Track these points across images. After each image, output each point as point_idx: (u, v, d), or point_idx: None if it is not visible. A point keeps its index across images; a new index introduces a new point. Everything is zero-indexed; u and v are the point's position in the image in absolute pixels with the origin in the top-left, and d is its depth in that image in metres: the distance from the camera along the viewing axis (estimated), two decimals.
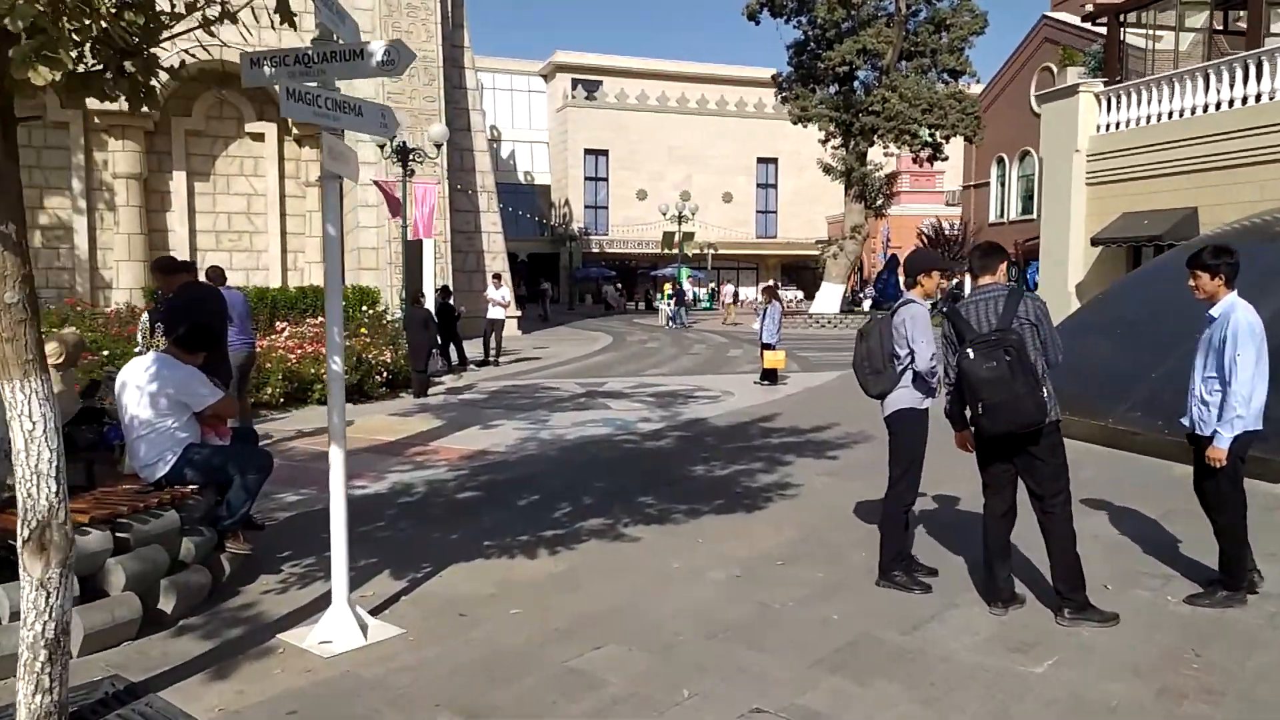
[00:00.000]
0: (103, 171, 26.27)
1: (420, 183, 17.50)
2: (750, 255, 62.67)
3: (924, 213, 45.41)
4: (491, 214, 28.19)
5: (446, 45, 26.43)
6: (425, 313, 13.93)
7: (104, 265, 26.33)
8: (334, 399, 4.24)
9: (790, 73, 32.76)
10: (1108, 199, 17.38)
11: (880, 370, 4.89)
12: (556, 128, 61.75)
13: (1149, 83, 16.59)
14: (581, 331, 30.72)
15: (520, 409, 12.08)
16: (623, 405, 12.44)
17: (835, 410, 11.72)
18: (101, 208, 26.58)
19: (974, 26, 30.11)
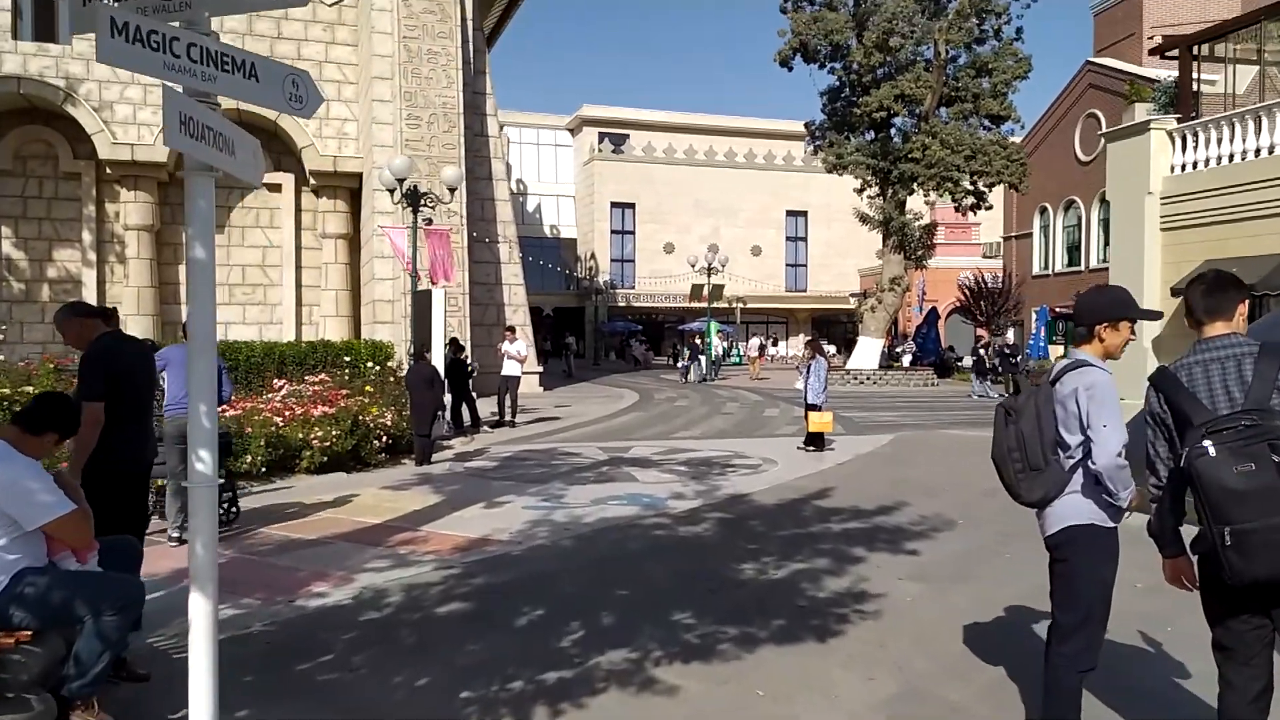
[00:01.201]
0: (114, 223, 25.45)
1: (433, 230, 16.23)
2: (780, 309, 61.23)
3: (960, 265, 43.78)
4: (513, 265, 26.99)
5: (468, 92, 25.51)
6: (430, 369, 12.48)
7: None
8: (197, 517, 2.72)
9: (823, 120, 31.60)
10: (1186, 245, 15.72)
11: (1040, 466, 3.33)
12: (583, 181, 61.16)
13: (1232, 117, 15.04)
14: (606, 388, 29.25)
15: (533, 480, 10.53)
16: (651, 476, 10.86)
17: (899, 484, 10.07)
18: (112, 260, 25.71)
19: (1018, 71, 28.81)
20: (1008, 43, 29.21)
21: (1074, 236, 36.25)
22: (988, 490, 9.59)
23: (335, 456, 11.19)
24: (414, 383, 12.33)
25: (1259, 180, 14.31)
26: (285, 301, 26.99)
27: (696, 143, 60.81)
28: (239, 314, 26.96)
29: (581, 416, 19.04)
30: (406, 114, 24.04)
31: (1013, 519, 8.08)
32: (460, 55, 24.44)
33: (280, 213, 26.89)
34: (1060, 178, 35.65)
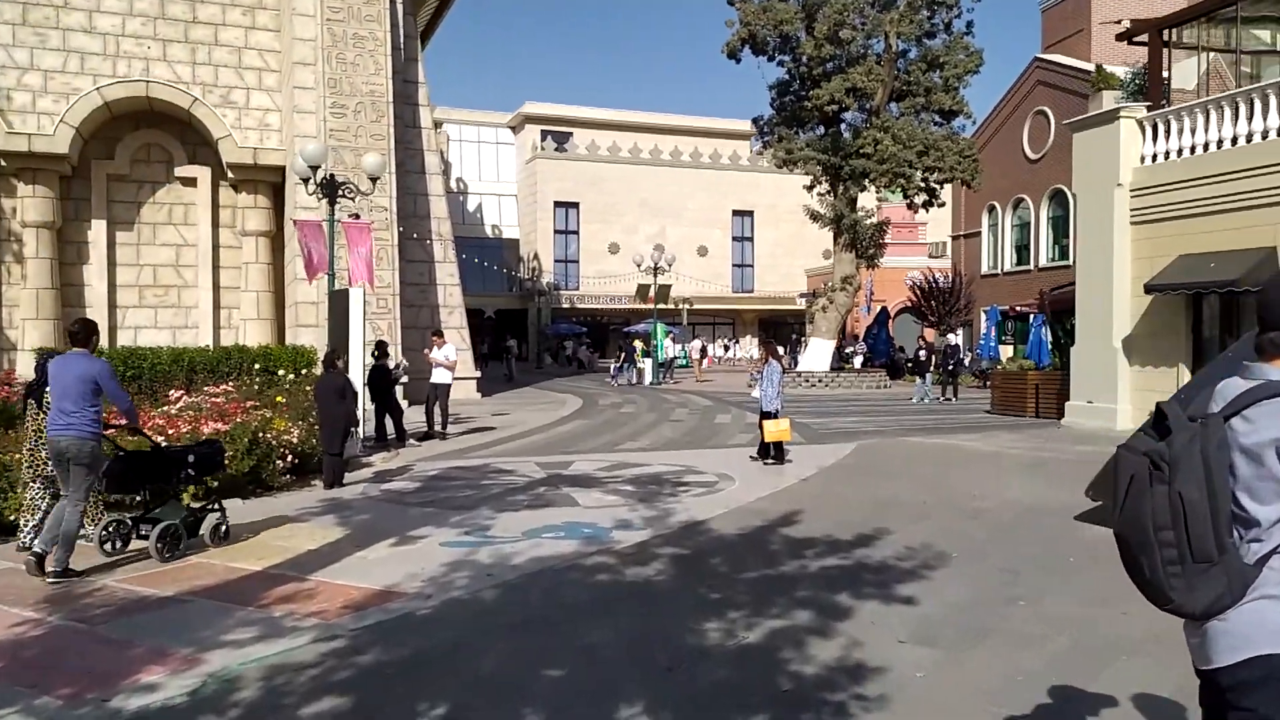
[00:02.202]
0: (10, 220, 23.30)
1: (353, 224, 14.71)
2: (727, 310, 60.37)
3: (906, 265, 43.30)
4: (448, 264, 25.44)
5: (398, 80, 23.90)
6: (341, 379, 10.98)
7: (10, 324, 23.24)
8: None
9: (772, 115, 30.61)
10: (1158, 239, 14.94)
11: (1211, 556, 2.04)
12: (525, 180, 59.58)
13: (1207, 104, 14.28)
14: (549, 393, 27.83)
15: (458, 506, 9.14)
16: (593, 499, 9.54)
17: (874, 505, 8.90)
18: (9, 260, 23.54)
19: (969, 65, 28.14)
20: (958, 36, 28.55)
21: (1023, 235, 35.84)
22: (973, 512, 8.48)
23: (231, 480, 9.66)
24: (323, 394, 10.83)
25: (1238, 170, 13.54)
26: (201, 304, 25.07)
27: (641, 141, 59.65)
28: (150, 318, 25.01)
29: (520, 426, 17.64)
30: (331, 102, 22.38)
31: (1011, 548, 6.95)
32: (389, 40, 22.84)
33: (196, 209, 24.97)
34: (1009, 176, 35.21)
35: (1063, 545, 7.14)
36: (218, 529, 7.38)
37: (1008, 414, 18.84)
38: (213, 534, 7.33)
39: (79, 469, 6.33)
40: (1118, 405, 15.37)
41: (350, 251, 14.44)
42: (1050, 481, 10.37)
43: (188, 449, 7.52)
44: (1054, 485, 10.08)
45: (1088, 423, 15.78)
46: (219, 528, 7.40)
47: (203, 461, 7.41)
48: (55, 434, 6.29)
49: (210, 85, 23.66)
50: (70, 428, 6.27)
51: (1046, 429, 16.03)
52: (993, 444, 14.05)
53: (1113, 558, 6.16)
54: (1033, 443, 14.05)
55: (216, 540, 7.32)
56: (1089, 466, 11.36)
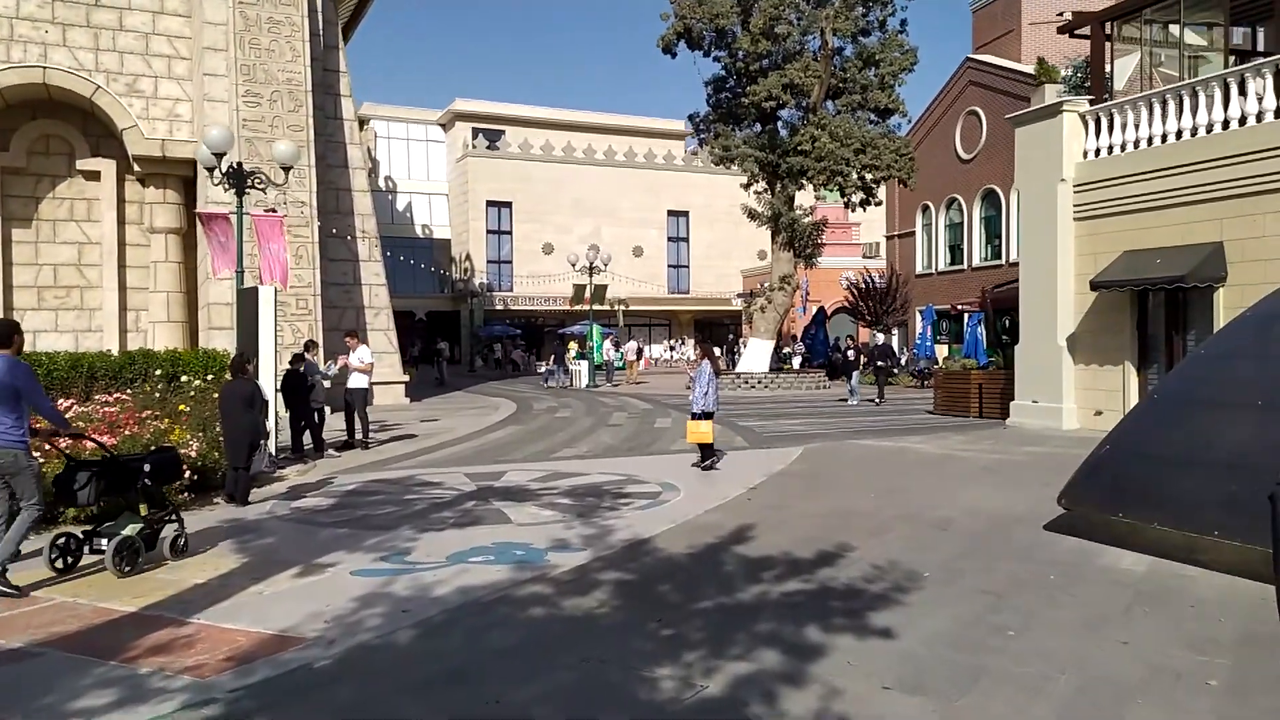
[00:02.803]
0: None
1: (263, 217, 13.62)
2: (663, 311, 59.86)
3: (841, 265, 43.29)
4: (374, 263, 24.28)
5: (317, 69, 22.71)
6: (249, 387, 9.95)
7: None
8: None
9: (709, 112, 30.08)
10: (1103, 235, 14.70)
11: None
12: (456, 179, 58.21)
13: (1151, 98, 14.07)
14: (482, 397, 26.82)
15: (376, 527, 8.23)
16: (527, 515, 8.73)
17: (832, 517, 8.26)
18: None
19: (904, 63, 28.01)
20: (893, 34, 28.40)
21: (957, 235, 36.01)
22: (937, 523, 7.90)
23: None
24: (228, 402, 9.76)
25: (1183, 164, 13.32)
26: (106, 306, 23.49)
27: (575, 140, 58.79)
28: (50, 320, 23.37)
29: (450, 433, 16.68)
30: (244, 90, 21.10)
31: (985, 565, 6.36)
32: (307, 26, 21.65)
33: (100, 204, 23.39)
34: (942, 176, 35.34)
35: (1039, 560, 6.59)
36: (176, 541, 7.06)
37: (951, 414, 18.53)
38: (171, 546, 7.01)
39: (15, 479, 6.09)
40: (1063, 404, 15.10)
41: (261, 247, 13.36)
42: (1008, 486, 9.89)
43: (143, 457, 7.15)
44: (1013, 490, 9.60)
45: (1033, 422, 15.49)
46: (177, 539, 7.07)
47: (159, 470, 7.09)
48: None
49: (115, 73, 22.14)
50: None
51: (992, 429, 15.70)
52: (942, 446, 13.61)
53: (1095, 575, 5.56)
54: (981, 445, 13.66)
55: (175, 553, 7.02)
56: (1043, 469, 10.96)
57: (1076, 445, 13.18)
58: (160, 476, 7.12)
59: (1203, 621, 5.14)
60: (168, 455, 7.44)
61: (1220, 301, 12.83)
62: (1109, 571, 6.20)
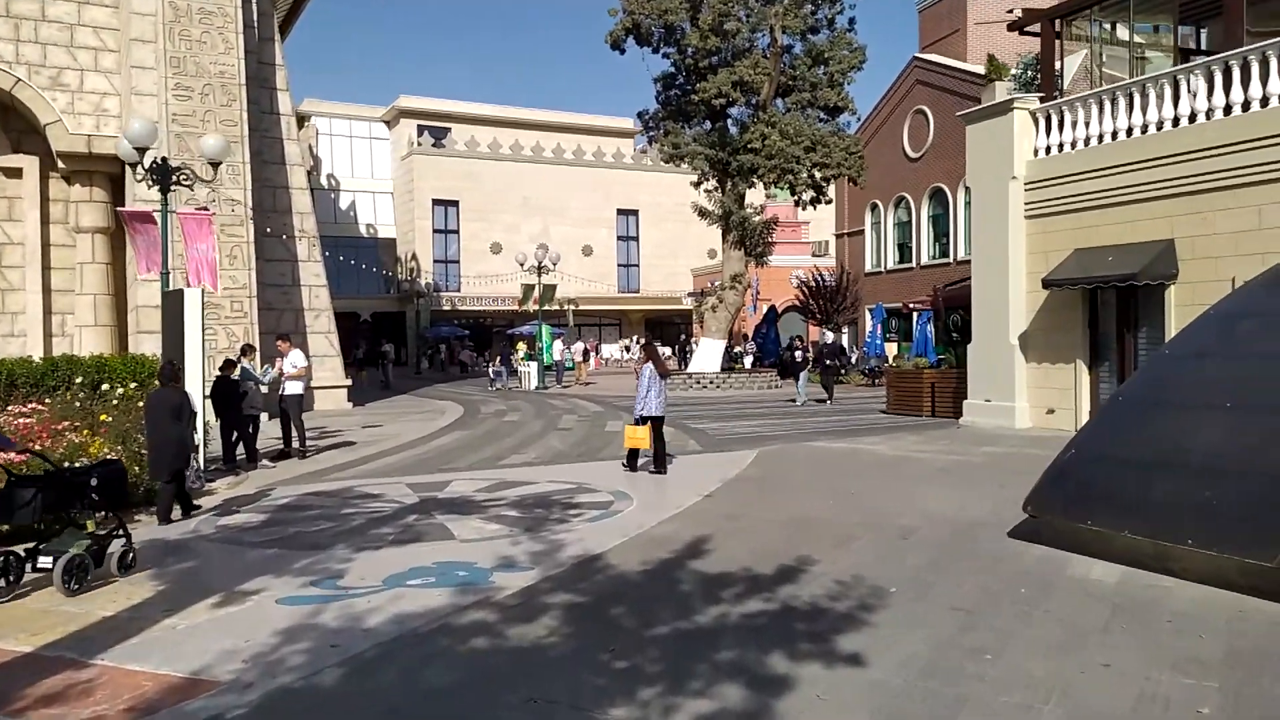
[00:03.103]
0: None
1: (190, 214, 12.90)
2: (613, 310, 59.47)
3: (790, 264, 43.35)
4: (313, 263, 23.48)
5: (252, 61, 21.87)
6: (178, 395, 9.31)
7: None
8: None
9: (658, 110, 29.75)
10: (1054, 233, 14.66)
11: None
12: (402, 177, 57.16)
13: (1101, 95, 14.04)
14: (428, 401, 26.16)
15: (308, 546, 7.70)
16: (471, 529, 8.26)
17: (791, 527, 7.94)
18: None
19: (853, 61, 27.97)
20: (842, 32, 28.35)
21: (905, 233, 36.18)
22: (899, 531, 7.62)
23: None
24: (155, 413, 9.09)
25: (1132, 162, 13.29)
26: (30, 309, 22.39)
27: (523, 137, 58.11)
28: None
29: (394, 439, 16.09)
30: (174, 83, 20.20)
31: (953, 578, 6.07)
32: (240, 16, 20.80)
33: (21, 203, 22.28)
34: (891, 174, 35.46)
35: (1007, 571, 6.32)
36: (124, 557, 6.77)
37: (904, 413, 18.42)
38: (119, 563, 6.73)
39: None
40: (1016, 403, 15.03)
41: (188, 247, 12.65)
42: (967, 489, 9.67)
43: (88, 470, 6.91)
44: (972, 493, 9.38)
45: (986, 422, 15.40)
46: (125, 555, 6.79)
47: (107, 483, 6.80)
48: None
49: (37, 65, 21.06)
50: None
51: (946, 429, 15.59)
52: (897, 447, 13.42)
53: (1067, 587, 5.27)
54: (936, 445, 13.49)
55: (123, 569, 6.73)
56: (999, 470, 10.79)
57: (1030, 445, 13.10)
58: (107, 490, 6.81)
59: (1184, 638, 4.89)
60: (114, 468, 7.10)
61: (1172, 299, 12.82)
62: (1081, 583, 5.95)
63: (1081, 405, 14.26)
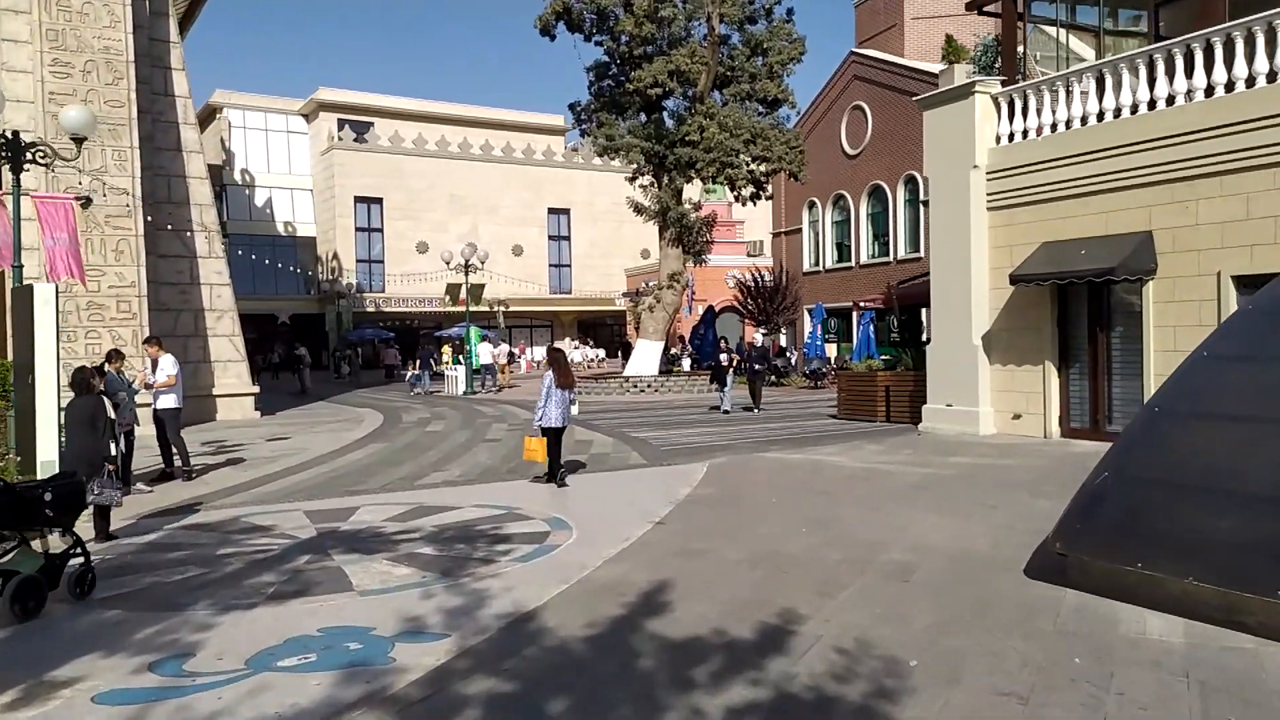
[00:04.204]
0: None
1: (44, 198, 11.05)
2: (544, 312, 57.81)
3: (726, 264, 42.42)
4: (215, 260, 21.45)
5: (142, 37, 19.81)
6: (93, 404, 8.08)
7: None
8: None
9: (590, 101, 28.36)
10: (1019, 225, 13.70)
11: None
12: (322, 173, 54.60)
13: (1069, 77, 13.12)
14: (345, 409, 24.27)
15: (163, 604, 6.10)
16: (375, 575, 6.74)
17: (761, 564, 6.61)
18: None
19: (792, 52, 27.00)
20: (780, 23, 27.37)
21: (843, 232, 35.44)
22: (895, 569, 6.35)
23: None
24: (69, 424, 8.13)
25: (1105, 148, 12.34)
26: None
27: (450, 134, 56.07)
28: None
29: (300, 454, 14.36)
30: (52, 59, 18.06)
31: (983, 641, 4.78)
32: None
33: None
34: (828, 171, 34.66)
35: (1045, 630, 5.09)
36: (82, 578, 6.32)
37: (856, 418, 17.35)
38: (75, 584, 6.28)
39: None
40: (980, 408, 14.04)
41: (45, 236, 10.80)
42: (952, 512, 8.50)
43: (41, 485, 6.34)
44: (959, 517, 8.21)
45: (947, 428, 14.39)
46: (84, 576, 6.34)
47: (62, 499, 6.23)
48: None
49: None
50: None
51: (905, 436, 14.53)
52: (859, 458, 12.27)
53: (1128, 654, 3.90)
54: (900, 455, 12.38)
55: (80, 592, 6.28)
56: (979, 486, 9.67)
57: (1001, 454, 12.06)
58: (62, 506, 6.23)
59: None
60: (70, 482, 6.49)
61: (1150, 295, 11.93)
62: (1142, 647, 4.74)
63: (1051, 410, 13.31)
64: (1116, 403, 12.70)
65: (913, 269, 29.55)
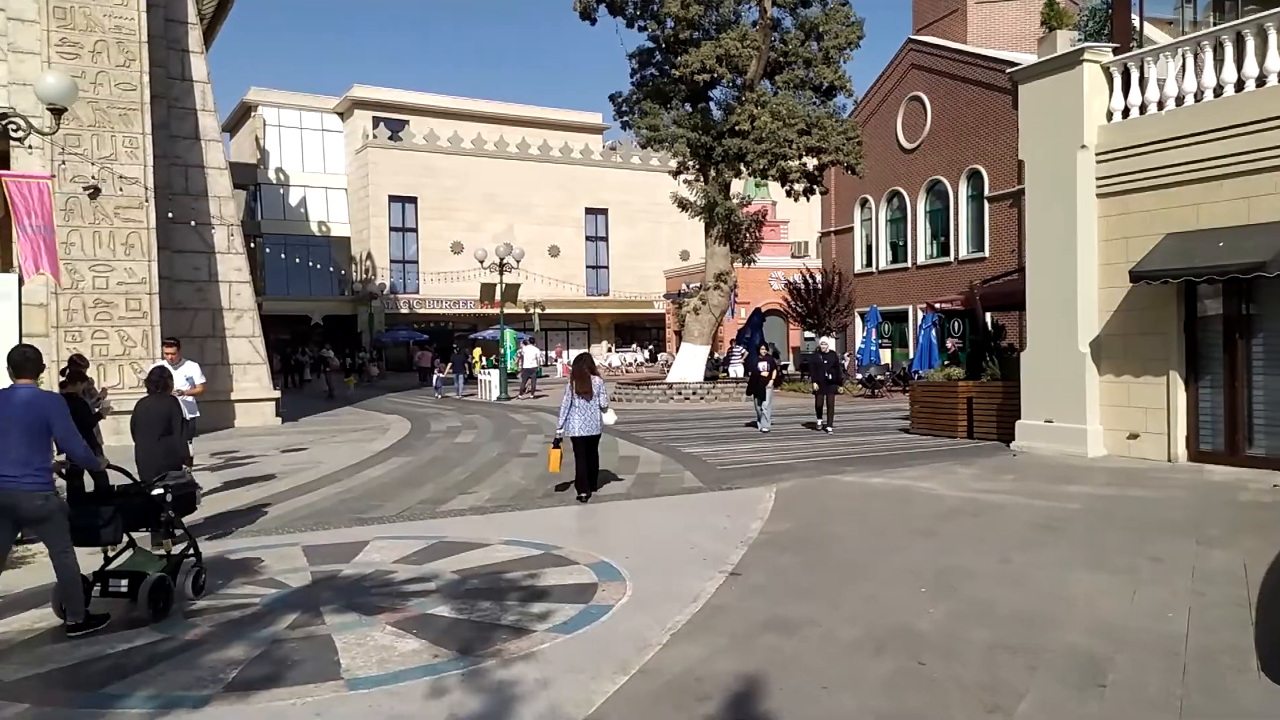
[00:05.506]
0: None
1: (17, 178, 9.65)
2: (581, 314, 56.29)
3: (770, 266, 40.55)
4: (235, 255, 20.14)
5: (158, 17, 18.55)
6: (168, 404, 7.71)
7: None
8: None
9: (632, 91, 26.72)
10: (1136, 214, 11.83)
11: None
12: (356, 172, 53.59)
13: (1200, 41, 11.24)
14: (373, 415, 22.87)
15: (89, 686, 4.56)
16: (372, 652, 5.14)
17: (888, 651, 4.90)
18: None
19: (850, 36, 25.12)
20: (837, 4, 25.51)
21: (898, 231, 33.49)
22: (1085, 663, 4.54)
23: None
24: (141, 424, 7.55)
25: (1247, 122, 10.42)
26: None
27: (485, 132, 54.79)
28: None
29: (313, 470, 12.87)
30: (60, 39, 16.84)
31: None
32: None
33: None
34: (883, 167, 32.72)
35: None
36: (198, 578, 6.37)
37: (932, 433, 15.52)
38: (193, 584, 6.31)
39: (44, 527, 5.54)
40: (1087, 426, 12.17)
41: (18, 223, 9.38)
42: (1108, 568, 6.72)
43: (161, 486, 6.31)
44: (1123, 576, 6.44)
45: (1046, 447, 12.54)
46: (199, 576, 6.39)
47: (181, 500, 6.40)
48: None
49: None
50: (11, 479, 5.35)
51: (997, 456, 12.70)
52: (953, 484, 10.49)
53: None
54: (1002, 482, 10.58)
55: (197, 591, 6.31)
56: (1124, 528, 7.77)
57: (1124, 482, 10.21)
58: (181, 507, 6.40)
59: None
60: (185, 483, 6.58)
61: None
62: None
63: (1176, 429, 11.43)
64: (1259, 421, 10.80)
65: (976, 270, 27.58)
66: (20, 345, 5.87)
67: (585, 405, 10.14)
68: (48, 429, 5.49)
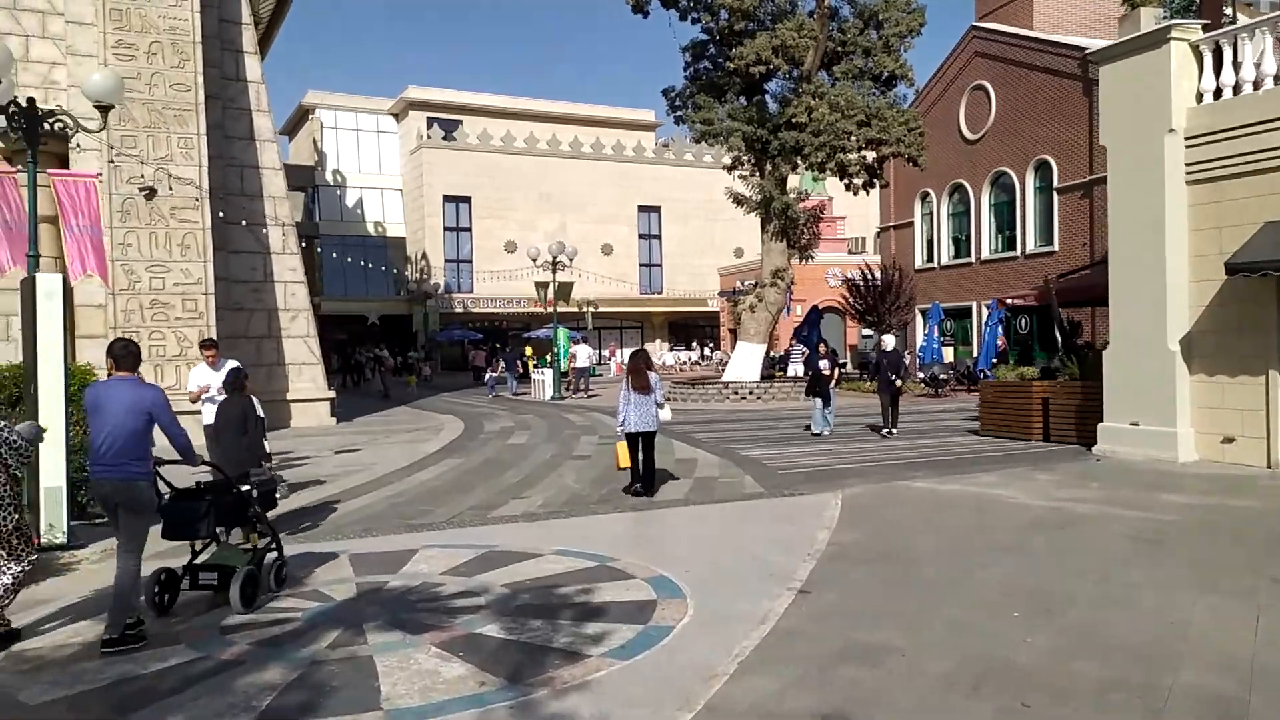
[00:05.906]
0: None
1: (66, 176, 9.54)
2: (634, 313, 55.94)
3: (826, 262, 39.64)
4: (290, 256, 20.13)
5: (212, 17, 18.59)
6: (243, 404, 8.39)
7: None
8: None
9: (685, 85, 26.22)
10: (1230, 202, 11.01)
11: None
12: (411, 172, 53.96)
13: None
14: (427, 415, 22.75)
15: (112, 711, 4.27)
16: (415, 679, 4.77)
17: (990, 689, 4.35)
18: None
19: (911, 24, 24.31)
20: None
21: (961, 225, 32.44)
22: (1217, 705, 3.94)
23: None
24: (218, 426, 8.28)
25: None
26: None
27: (538, 130, 54.74)
28: None
29: (364, 473, 12.65)
30: (115, 40, 16.94)
31: None
32: None
33: None
34: (944, 159, 31.68)
35: None
36: (279, 570, 6.56)
37: (1004, 435, 14.76)
38: (275, 577, 6.49)
39: (129, 517, 5.65)
40: (1177, 429, 11.38)
41: (64, 221, 9.27)
42: (1225, 590, 6.07)
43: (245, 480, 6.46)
44: (1241, 599, 5.79)
45: (1132, 452, 11.76)
46: (281, 569, 6.58)
47: (264, 496, 6.60)
48: (100, 476, 5.60)
49: None
50: (115, 468, 5.54)
51: (1078, 461, 11.96)
52: (1032, 491, 9.83)
53: None
54: (1087, 490, 9.88)
55: (279, 584, 6.51)
56: (1232, 542, 7.06)
57: (1224, 491, 9.44)
58: (265, 502, 6.64)
59: None
60: (267, 480, 6.85)
61: None
62: None
63: (1277, 433, 10.60)
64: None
65: (1045, 265, 26.53)
66: (121, 339, 6.03)
67: (642, 400, 10.09)
68: (150, 420, 5.63)
